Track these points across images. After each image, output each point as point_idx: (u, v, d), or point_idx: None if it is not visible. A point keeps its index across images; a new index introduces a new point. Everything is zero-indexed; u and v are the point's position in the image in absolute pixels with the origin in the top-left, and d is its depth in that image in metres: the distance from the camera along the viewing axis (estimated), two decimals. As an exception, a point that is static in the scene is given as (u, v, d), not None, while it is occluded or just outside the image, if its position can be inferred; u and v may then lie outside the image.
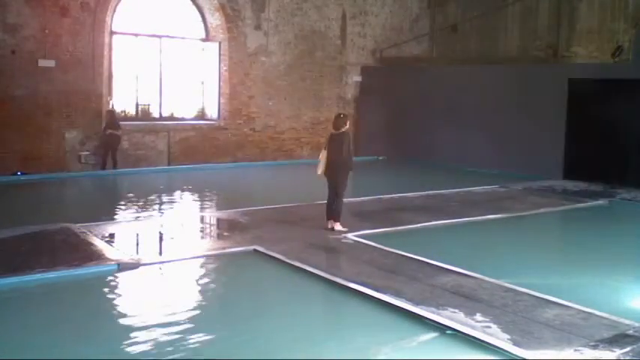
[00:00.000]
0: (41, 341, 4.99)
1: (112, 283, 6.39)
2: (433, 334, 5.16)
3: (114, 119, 13.66)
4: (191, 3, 15.38)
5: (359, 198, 11.20)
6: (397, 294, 5.93)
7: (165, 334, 5.14)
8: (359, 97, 18.00)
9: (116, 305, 5.89)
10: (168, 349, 4.89)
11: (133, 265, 6.80)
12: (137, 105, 14.78)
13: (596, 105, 13.09)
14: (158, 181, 13.05)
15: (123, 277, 6.56)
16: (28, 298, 5.98)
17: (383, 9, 18.29)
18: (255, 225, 8.89)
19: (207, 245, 7.94)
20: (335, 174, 8.62)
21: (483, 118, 15.12)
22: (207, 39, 15.61)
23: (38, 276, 6.35)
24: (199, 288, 6.58)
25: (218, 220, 9.63)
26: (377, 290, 6.01)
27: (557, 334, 5.10)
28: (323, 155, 8.74)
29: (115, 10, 14.07)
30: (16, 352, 4.78)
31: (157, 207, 10.69)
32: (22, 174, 12.58)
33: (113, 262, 6.80)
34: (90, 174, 13.40)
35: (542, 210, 10.74)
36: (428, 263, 7.03)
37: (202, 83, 15.68)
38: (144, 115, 14.88)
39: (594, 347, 4.84)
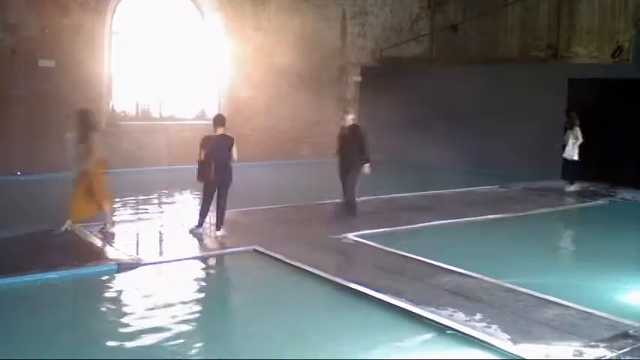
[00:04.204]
0: (41, 341, 4.99)
1: (112, 283, 6.39)
2: (433, 334, 5.16)
3: None
4: (191, 3, 15.38)
5: (359, 198, 11.20)
6: (397, 294, 5.93)
7: (165, 334, 5.14)
8: (359, 97, 17.99)
9: (116, 305, 5.89)
10: (168, 349, 4.89)
11: (133, 265, 6.81)
12: (137, 105, 14.77)
13: (596, 105, 13.09)
14: (158, 181, 13.04)
15: (123, 277, 6.56)
16: (28, 298, 5.98)
17: (383, 9, 18.29)
18: (255, 225, 8.90)
19: (207, 245, 7.94)
20: None
21: (483, 118, 15.12)
22: (207, 39, 15.60)
23: (38, 276, 6.35)
24: (199, 288, 6.58)
25: (218, 220, 9.63)
26: (377, 290, 6.01)
27: (557, 334, 5.11)
28: None
29: (115, 10, 14.07)
30: (15, 352, 4.78)
31: (156, 207, 10.69)
32: (22, 174, 12.58)
33: (113, 262, 6.81)
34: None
35: (542, 210, 10.74)
36: (428, 263, 7.03)
37: (202, 83, 15.67)
38: (144, 115, 14.87)
39: (594, 347, 4.84)
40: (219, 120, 8.53)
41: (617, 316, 5.47)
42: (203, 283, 6.74)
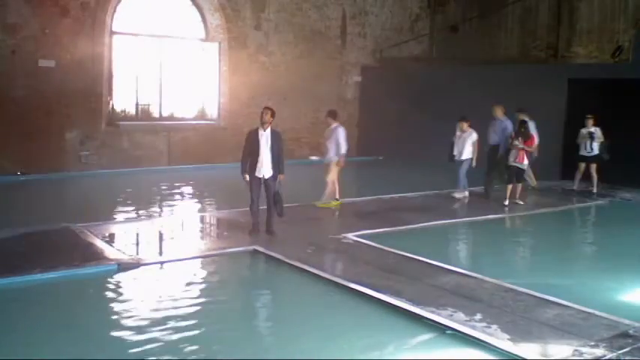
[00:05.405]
0: (41, 341, 4.99)
1: (112, 283, 6.39)
2: (433, 334, 5.16)
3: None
4: (191, 3, 15.37)
5: (359, 198, 11.21)
6: (397, 294, 5.93)
7: (165, 334, 5.15)
8: (359, 97, 17.99)
9: (116, 305, 5.89)
10: (168, 349, 4.89)
11: (133, 265, 6.81)
12: (137, 105, 14.76)
13: (596, 105, 13.08)
14: (158, 181, 13.04)
15: (123, 277, 6.56)
16: (28, 298, 5.99)
17: (383, 9, 18.29)
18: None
19: (207, 245, 7.95)
20: None
21: (483, 118, 15.09)
22: (207, 39, 15.60)
23: (38, 276, 6.36)
24: (199, 288, 6.58)
25: (218, 220, 9.64)
26: (377, 290, 6.01)
27: (557, 334, 5.11)
28: None
29: (115, 10, 14.06)
30: (16, 352, 4.78)
31: (157, 207, 10.69)
32: (22, 174, 12.58)
33: (113, 262, 6.81)
34: (90, 174, 13.39)
35: (542, 210, 10.75)
36: (428, 263, 7.03)
37: (202, 83, 15.66)
38: (144, 115, 14.86)
39: (594, 347, 4.84)
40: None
41: (617, 316, 5.47)
42: (203, 283, 6.74)
